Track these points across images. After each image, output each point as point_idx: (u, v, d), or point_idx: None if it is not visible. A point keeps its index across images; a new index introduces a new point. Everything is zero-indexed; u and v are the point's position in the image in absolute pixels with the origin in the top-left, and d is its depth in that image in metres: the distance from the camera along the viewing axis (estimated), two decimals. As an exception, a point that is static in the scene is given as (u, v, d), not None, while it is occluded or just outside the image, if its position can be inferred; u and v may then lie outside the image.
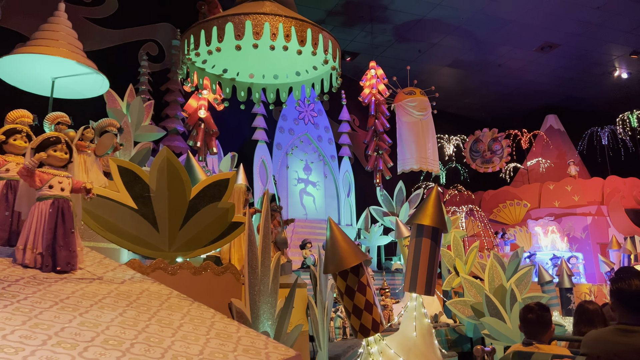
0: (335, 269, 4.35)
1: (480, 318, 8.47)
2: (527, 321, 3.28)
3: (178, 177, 3.77)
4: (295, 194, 11.25)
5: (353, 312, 4.38)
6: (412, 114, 12.48)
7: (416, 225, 4.94)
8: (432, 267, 4.85)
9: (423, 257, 4.83)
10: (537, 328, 3.21)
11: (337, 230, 4.44)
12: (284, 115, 11.39)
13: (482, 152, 16.55)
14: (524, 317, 3.36)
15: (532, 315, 3.27)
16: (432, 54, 15.37)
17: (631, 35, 14.22)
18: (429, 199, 4.99)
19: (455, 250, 10.77)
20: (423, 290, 4.78)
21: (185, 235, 3.82)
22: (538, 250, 13.92)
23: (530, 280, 9.03)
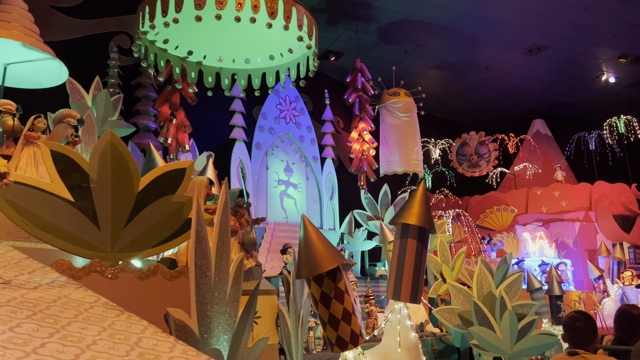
0: (308, 274, 3.84)
1: (469, 327, 8.00)
2: (576, 330, 3.12)
3: (124, 166, 3.23)
4: (275, 196, 10.71)
5: (329, 323, 3.86)
6: (397, 116, 12.07)
7: (401, 225, 4.45)
8: (419, 272, 4.36)
9: (408, 260, 4.33)
10: (585, 337, 3.07)
11: (312, 230, 3.93)
12: (264, 114, 10.87)
13: (469, 155, 16.19)
14: (571, 326, 3.18)
15: (581, 324, 3.13)
16: (418, 55, 15.01)
17: (619, 38, 14.01)
18: (415, 195, 4.52)
19: (442, 256, 10.33)
20: (408, 298, 4.28)
21: (132, 233, 3.27)
22: (526, 257, 13.55)
23: (520, 287, 8.61)
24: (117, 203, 3.23)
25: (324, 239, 3.94)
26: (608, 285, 12.75)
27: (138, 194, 3.30)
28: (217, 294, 2.69)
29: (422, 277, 4.35)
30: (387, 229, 10.06)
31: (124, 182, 3.24)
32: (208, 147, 10.13)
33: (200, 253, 2.45)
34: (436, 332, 9.15)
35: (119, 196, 3.23)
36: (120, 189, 3.23)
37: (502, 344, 7.81)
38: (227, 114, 10.37)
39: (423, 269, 4.39)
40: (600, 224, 15.20)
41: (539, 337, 7.99)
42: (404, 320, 4.32)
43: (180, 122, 8.09)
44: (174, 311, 2.19)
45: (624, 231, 14.92)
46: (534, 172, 17.33)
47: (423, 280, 4.34)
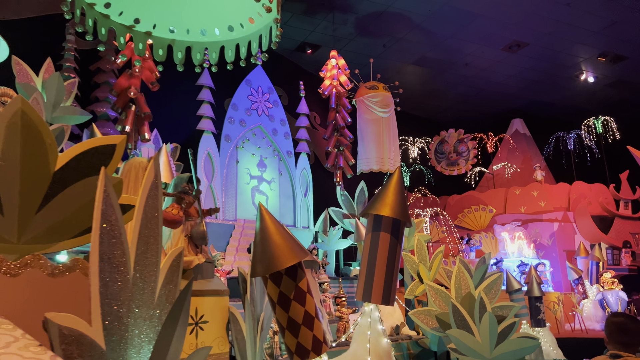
0: (264, 271, 3.33)
1: (446, 330, 7.56)
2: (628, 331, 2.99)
3: (38, 139, 2.65)
4: (246, 192, 10.15)
5: (288, 328, 3.35)
6: (374, 110, 11.62)
7: (373, 217, 3.97)
8: (392, 270, 3.87)
9: (381, 256, 3.85)
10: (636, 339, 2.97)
11: (270, 220, 3.41)
12: (234, 105, 10.29)
13: (448, 153, 15.86)
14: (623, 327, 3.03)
15: (634, 325, 3.02)
16: (397, 50, 14.62)
17: (600, 35, 13.83)
18: (389, 184, 4.04)
19: (419, 255, 9.90)
20: (380, 299, 3.80)
21: (45, 220, 2.70)
22: (505, 257, 13.24)
23: (500, 288, 8.20)
24: (27, 184, 2.65)
25: (284, 232, 3.42)
26: (587, 286, 12.51)
27: (55, 174, 2.73)
28: (138, 294, 2.15)
29: (396, 275, 3.86)
30: (363, 226, 9.59)
31: (37, 159, 2.67)
32: (174, 138, 9.52)
33: (109, 242, 1.91)
34: (412, 335, 8.70)
35: (29, 175, 2.65)
36: (32, 167, 2.65)
37: (481, 348, 7.40)
38: (195, 103, 9.78)
39: (397, 266, 3.91)
40: (579, 224, 15.01)
41: (519, 340, 7.60)
42: (375, 325, 3.84)
43: (140, 108, 7.47)
44: (59, 317, 1.65)
45: (602, 232, 14.75)
46: (512, 171, 17.10)
47: (397, 279, 3.85)
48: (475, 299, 7.78)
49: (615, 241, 14.90)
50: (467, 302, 8.06)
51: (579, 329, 11.51)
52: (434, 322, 8.06)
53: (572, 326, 11.78)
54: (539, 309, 9.65)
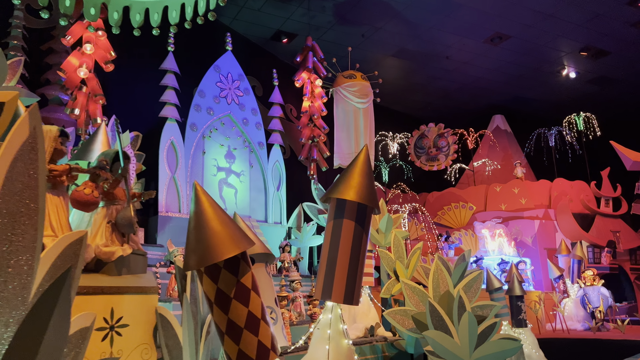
0: (198, 263, 2.75)
1: (423, 331, 7.07)
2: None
3: None
4: (212, 185, 9.51)
5: (227, 333, 2.78)
6: (351, 101, 11.11)
7: (335, 201, 3.42)
8: (357, 263, 3.32)
9: (343, 247, 3.30)
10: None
11: (208, 203, 2.83)
12: (201, 91, 9.64)
13: (427, 148, 15.42)
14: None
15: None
16: (377, 40, 14.12)
17: (583, 29, 13.53)
18: (355, 164, 3.49)
19: (396, 252, 9.40)
20: (342, 297, 3.24)
21: None
22: (485, 255, 12.84)
23: (480, 286, 7.73)
24: None
25: (225, 217, 2.84)
26: (568, 285, 12.18)
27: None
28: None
29: (362, 269, 3.31)
30: (337, 222, 9.04)
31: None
32: (134, 126, 8.86)
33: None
34: (388, 337, 8.17)
35: None
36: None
37: (460, 350, 6.93)
38: (158, 89, 9.12)
39: (362, 259, 3.35)
40: (560, 222, 14.72)
41: (500, 342, 7.15)
42: (336, 324, 3.28)
43: (92, 90, 6.81)
44: None
45: (583, 230, 14.47)
46: (493, 168, 16.75)
47: (362, 273, 3.30)
48: (454, 298, 7.31)
49: (596, 239, 14.64)
50: (446, 301, 7.59)
51: (561, 329, 11.17)
52: (411, 322, 7.57)
53: (554, 326, 11.43)
54: (520, 308, 9.24)
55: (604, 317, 11.17)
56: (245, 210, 9.83)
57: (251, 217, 9.89)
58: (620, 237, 15.22)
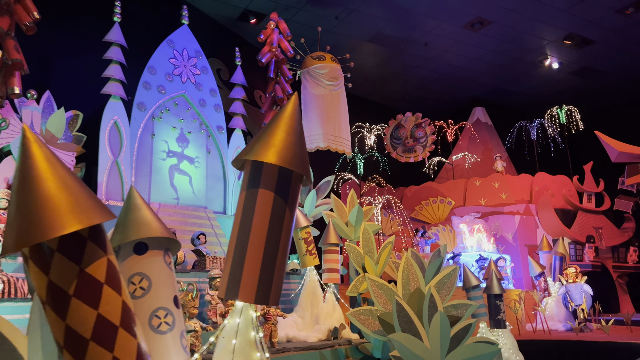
0: (16, 243, 1.87)
1: (389, 334, 6.26)
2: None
3: None
4: (162, 171, 8.57)
5: (66, 346, 1.89)
6: (321, 83, 10.28)
7: (250, 166, 2.56)
8: (275, 249, 2.46)
9: (257, 227, 2.44)
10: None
11: (40, 155, 1.94)
12: (151, 67, 8.68)
13: (404, 139, 14.65)
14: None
15: None
16: (351, 24, 13.29)
17: (566, 14, 12.88)
18: (279, 117, 2.64)
19: (365, 247, 8.60)
20: (252, 295, 2.39)
21: None
22: (463, 251, 12.12)
23: (454, 283, 6.97)
24: None
25: (68, 176, 1.96)
26: (549, 283, 11.52)
27: None
28: None
29: (283, 257, 2.45)
30: (301, 213, 8.20)
31: None
32: (73, 104, 7.90)
33: None
34: (353, 339, 7.35)
35: None
36: None
37: (430, 355, 6.14)
38: (102, 63, 8.15)
39: (285, 243, 2.50)
40: (541, 217, 14.09)
41: (475, 346, 6.38)
42: (246, 332, 2.42)
43: (8, 54, 5.84)
44: None
45: (565, 226, 13.86)
46: (473, 161, 16.07)
47: (284, 263, 2.44)
48: (425, 296, 6.52)
49: (578, 236, 14.06)
50: (416, 299, 6.79)
51: (541, 329, 10.50)
52: (377, 323, 6.75)
53: (534, 326, 10.76)
54: (498, 308, 8.51)
55: (586, 317, 10.53)
56: (200, 200, 8.92)
57: (207, 207, 8.98)
58: (603, 233, 14.67)
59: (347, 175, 14.46)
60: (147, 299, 2.63)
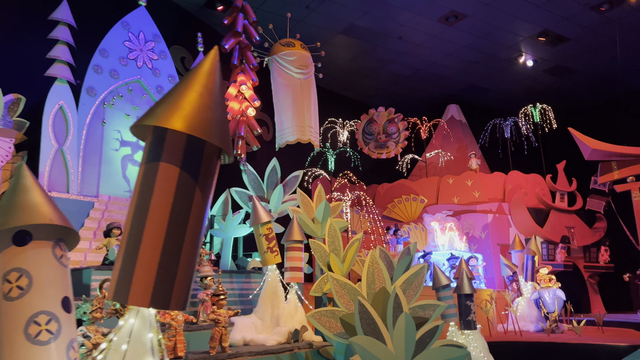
0: None
1: (351, 337, 5.81)
2: None
3: None
4: (114, 162, 7.96)
5: None
6: (290, 71, 9.79)
7: (151, 132, 2.05)
8: (180, 239, 1.96)
9: (156, 211, 1.95)
10: None
11: None
12: (103, 50, 8.06)
13: (376, 134, 14.26)
14: None
15: None
16: (324, 14, 12.84)
17: (541, 9, 12.67)
18: (193, 76, 2.14)
19: (331, 244, 8.12)
20: (147, 296, 1.89)
21: None
22: (434, 250, 11.78)
23: (422, 282, 6.56)
24: None
25: None
26: (521, 283, 11.27)
27: None
28: None
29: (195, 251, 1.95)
30: (261, 207, 7.70)
31: None
32: (14, 86, 7.25)
33: None
34: (314, 342, 6.89)
35: None
36: None
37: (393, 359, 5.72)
38: (47, 43, 7.51)
39: (196, 233, 2.00)
40: (514, 216, 13.87)
41: (442, 349, 5.99)
42: (142, 334, 1.92)
43: None
44: None
45: (537, 225, 13.67)
46: (446, 159, 15.79)
47: (193, 257, 1.94)
48: (389, 296, 6.10)
49: (550, 235, 13.88)
50: (380, 300, 6.35)
51: (512, 330, 10.22)
52: (339, 325, 6.31)
53: (505, 327, 10.49)
54: (469, 308, 8.16)
55: (557, 318, 10.31)
56: (156, 193, 8.32)
57: (163, 201, 8.39)
58: (575, 233, 14.55)
59: (318, 171, 14.00)
60: (24, 300, 2.11)
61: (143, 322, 1.90)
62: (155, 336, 1.91)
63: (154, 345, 1.89)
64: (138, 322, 1.88)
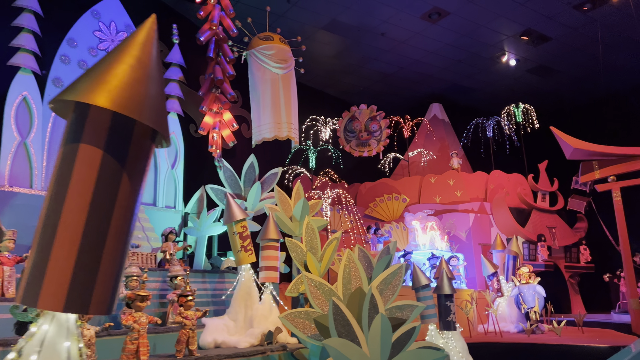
0: None
1: (325, 339, 5.58)
2: None
3: None
4: (82, 156, 7.63)
5: None
6: (268, 66, 9.52)
7: (73, 109, 1.79)
8: (103, 233, 1.68)
9: (74, 200, 1.66)
10: None
11: None
12: (71, 39, 7.71)
13: (358, 132, 14.05)
14: None
15: None
16: (305, 8, 12.60)
17: (524, 8, 12.58)
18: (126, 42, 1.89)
19: (308, 243, 7.88)
20: (62, 299, 1.62)
21: None
22: (415, 249, 11.61)
23: (400, 282, 6.35)
24: None
25: None
26: (502, 283, 11.16)
27: None
28: None
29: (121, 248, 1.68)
30: (235, 204, 7.44)
31: None
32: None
33: None
34: (288, 344, 6.64)
35: None
36: None
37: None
38: (11, 31, 7.15)
39: (123, 227, 1.74)
40: (496, 216, 13.78)
41: (419, 352, 5.79)
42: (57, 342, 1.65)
43: None
44: None
45: (519, 225, 13.60)
46: (429, 158, 15.66)
47: (123, 256, 1.68)
48: (365, 296, 5.88)
49: (532, 235, 13.83)
50: (356, 300, 6.12)
51: (493, 331, 10.09)
52: (314, 327, 6.08)
53: (486, 328, 10.36)
54: (449, 308, 8.00)
55: (538, 318, 10.21)
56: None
57: (134, 198, 8.07)
58: (556, 233, 14.53)
59: (299, 169, 13.76)
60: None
61: (59, 329, 1.64)
62: (74, 345, 1.65)
63: (71, 356, 1.63)
64: (53, 329, 1.62)
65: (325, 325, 5.86)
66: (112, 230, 1.67)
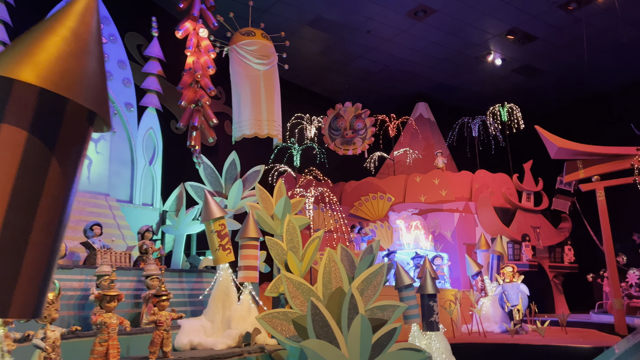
0: None
1: (303, 341, 5.40)
2: None
3: None
4: (54, 151, 7.36)
5: None
6: (249, 62, 9.31)
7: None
8: (27, 225, 1.47)
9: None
10: None
11: None
12: (43, 29, 7.46)
13: (343, 130, 13.89)
14: None
15: None
16: (290, 4, 12.40)
17: (510, 7, 12.53)
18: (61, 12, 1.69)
19: (289, 242, 7.70)
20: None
21: None
22: (399, 248, 11.49)
23: (382, 282, 6.19)
24: None
25: None
26: (487, 282, 11.08)
27: None
28: None
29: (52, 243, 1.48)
30: (214, 202, 7.22)
31: None
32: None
33: None
34: (266, 346, 6.44)
35: None
36: None
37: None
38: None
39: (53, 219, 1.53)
40: (480, 215, 13.72)
41: (400, 354, 5.64)
42: None
43: None
44: None
45: (503, 224, 13.55)
46: (414, 157, 15.56)
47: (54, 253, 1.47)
48: (345, 296, 5.71)
49: (516, 235, 13.79)
50: (336, 301, 5.95)
51: (477, 331, 10.00)
52: (292, 328, 5.89)
53: (469, 328, 10.27)
54: (432, 309, 7.88)
55: (522, 318, 10.14)
56: (101, 186, 7.72)
57: (109, 195, 7.81)
58: (540, 233, 14.51)
59: (282, 167, 13.55)
60: None
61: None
62: None
63: None
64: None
65: (303, 327, 5.68)
66: (38, 223, 1.47)
